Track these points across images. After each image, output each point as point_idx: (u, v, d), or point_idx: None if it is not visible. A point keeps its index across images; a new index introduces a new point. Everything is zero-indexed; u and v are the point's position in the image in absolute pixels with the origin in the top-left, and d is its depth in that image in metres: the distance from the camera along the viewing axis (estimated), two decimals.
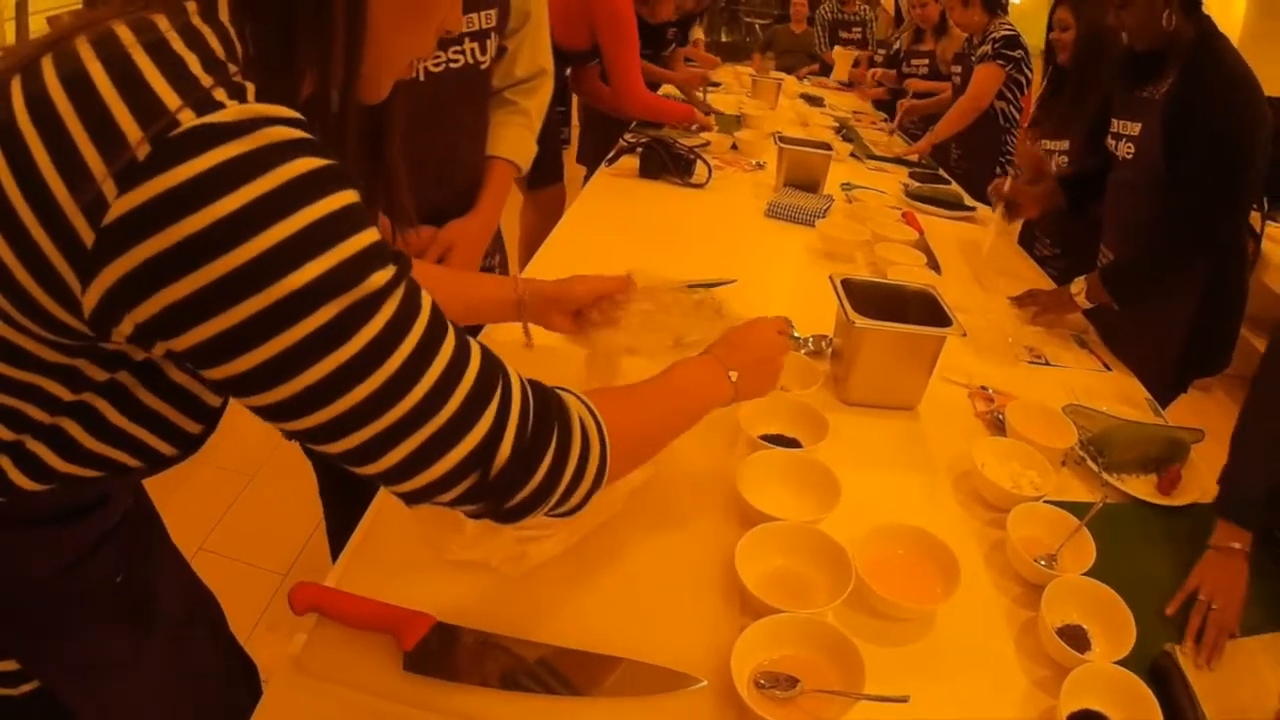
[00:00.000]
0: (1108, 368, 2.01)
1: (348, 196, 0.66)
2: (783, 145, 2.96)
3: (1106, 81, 2.67)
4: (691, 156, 2.91)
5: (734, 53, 6.90)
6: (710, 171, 2.92)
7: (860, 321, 1.48)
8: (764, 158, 3.31)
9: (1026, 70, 3.90)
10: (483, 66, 1.76)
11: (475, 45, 1.72)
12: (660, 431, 1.02)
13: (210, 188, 0.59)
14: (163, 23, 0.65)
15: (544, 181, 3.61)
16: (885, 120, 4.83)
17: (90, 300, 0.62)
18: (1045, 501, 1.36)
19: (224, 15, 0.68)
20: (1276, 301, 4.03)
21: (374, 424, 0.69)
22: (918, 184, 3.33)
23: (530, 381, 0.84)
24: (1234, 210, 2.00)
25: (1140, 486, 1.51)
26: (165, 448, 0.82)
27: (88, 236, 0.60)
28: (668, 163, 2.89)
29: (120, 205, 0.59)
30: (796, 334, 1.77)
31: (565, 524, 1.12)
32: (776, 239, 2.54)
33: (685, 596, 1.14)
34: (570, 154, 4.29)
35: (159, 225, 0.59)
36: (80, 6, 0.73)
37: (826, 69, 6.52)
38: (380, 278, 0.67)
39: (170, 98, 0.60)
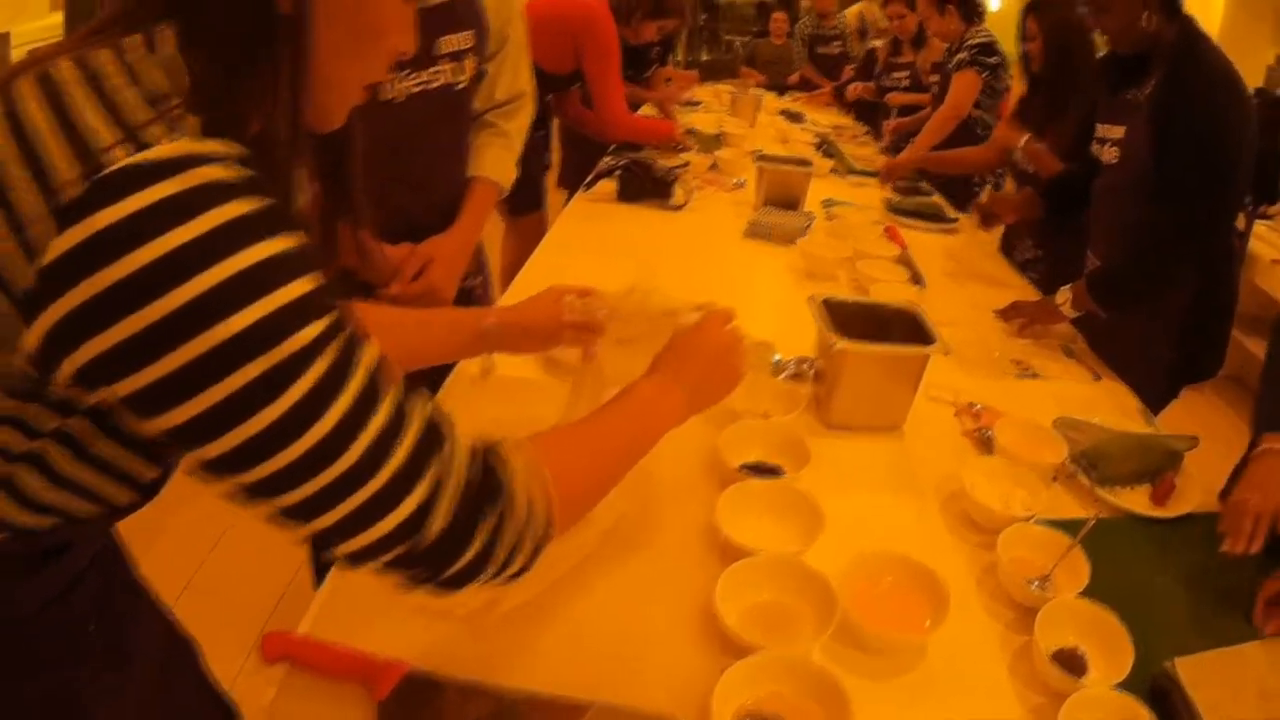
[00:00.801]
0: (1098, 377, 1.98)
1: (281, 243, 0.63)
2: (762, 164, 2.94)
3: (1084, 86, 2.68)
4: (670, 178, 2.89)
5: (715, 70, 6.89)
6: (689, 193, 2.90)
7: (841, 343, 1.45)
8: (744, 176, 3.29)
9: (1004, 77, 3.89)
10: (459, 87, 1.78)
11: (452, 66, 1.74)
12: (614, 468, 0.98)
13: (139, 231, 0.58)
14: (105, 58, 0.64)
15: (525, 208, 3.60)
16: (867, 133, 4.82)
17: (31, 344, 0.61)
18: (1037, 521, 1.32)
19: (170, 47, 0.67)
20: (1265, 300, 4.02)
21: (303, 486, 0.66)
22: (899, 197, 3.30)
23: (477, 441, 0.81)
24: (1221, 211, 1.98)
25: (1134, 499, 1.48)
26: (121, 495, 0.80)
27: (27, 278, 0.59)
28: (646, 185, 2.86)
29: (56, 246, 0.58)
30: (778, 357, 1.74)
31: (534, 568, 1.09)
32: (757, 259, 2.52)
33: (664, 636, 1.10)
34: (551, 178, 4.27)
35: (90, 268, 0.58)
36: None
37: (807, 83, 6.52)
38: (311, 331, 0.64)
39: (104, 135, 0.60)
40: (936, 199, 3.38)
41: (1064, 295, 2.04)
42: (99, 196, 0.58)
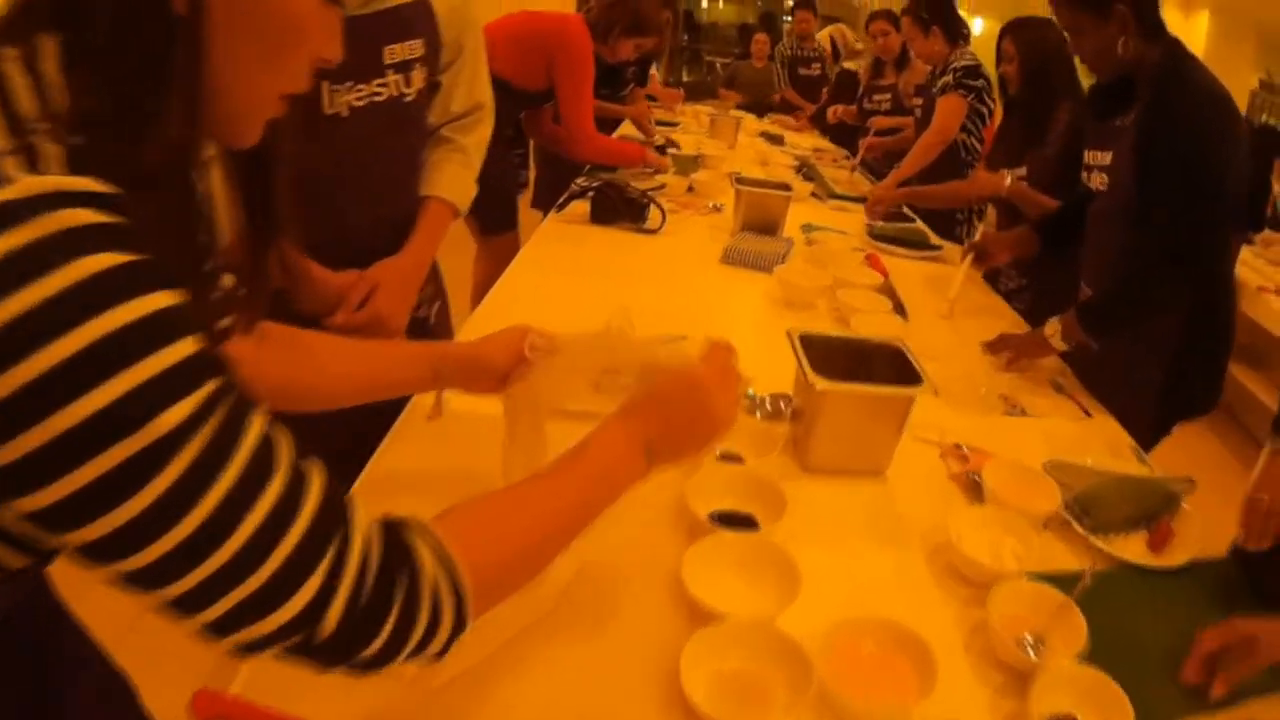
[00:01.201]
0: (1088, 414, 1.89)
1: (154, 301, 0.55)
2: (740, 187, 2.85)
3: (1064, 110, 2.63)
4: (645, 201, 2.80)
5: (696, 92, 6.85)
6: (664, 216, 2.80)
7: (821, 384, 1.35)
8: (722, 199, 3.20)
9: (988, 101, 3.84)
10: (408, 99, 1.67)
11: (400, 77, 1.63)
12: (555, 535, 0.87)
13: None
14: (5, 56, 0.58)
15: (497, 228, 3.50)
16: (847, 157, 4.76)
17: None
18: (1029, 576, 1.23)
19: (48, 64, 0.59)
20: (1250, 327, 3.97)
21: (185, 576, 0.58)
22: (881, 223, 3.23)
23: (381, 523, 0.72)
24: (1207, 232, 1.89)
25: (1130, 547, 1.39)
26: (14, 559, 0.71)
27: None
28: (620, 208, 2.77)
29: None
30: (752, 393, 1.64)
31: (485, 627, 0.98)
32: (733, 287, 2.43)
33: (625, 705, 1.00)
34: (526, 198, 4.19)
35: None
36: None
37: (788, 105, 6.48)
38: (188, 405, 0.56)
39: None
40: (919, 225, 3.30)
41: (1053, 327, 1.97)
42: None
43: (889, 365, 1.51)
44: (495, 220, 3.48)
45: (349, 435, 1.32)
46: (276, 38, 0.68)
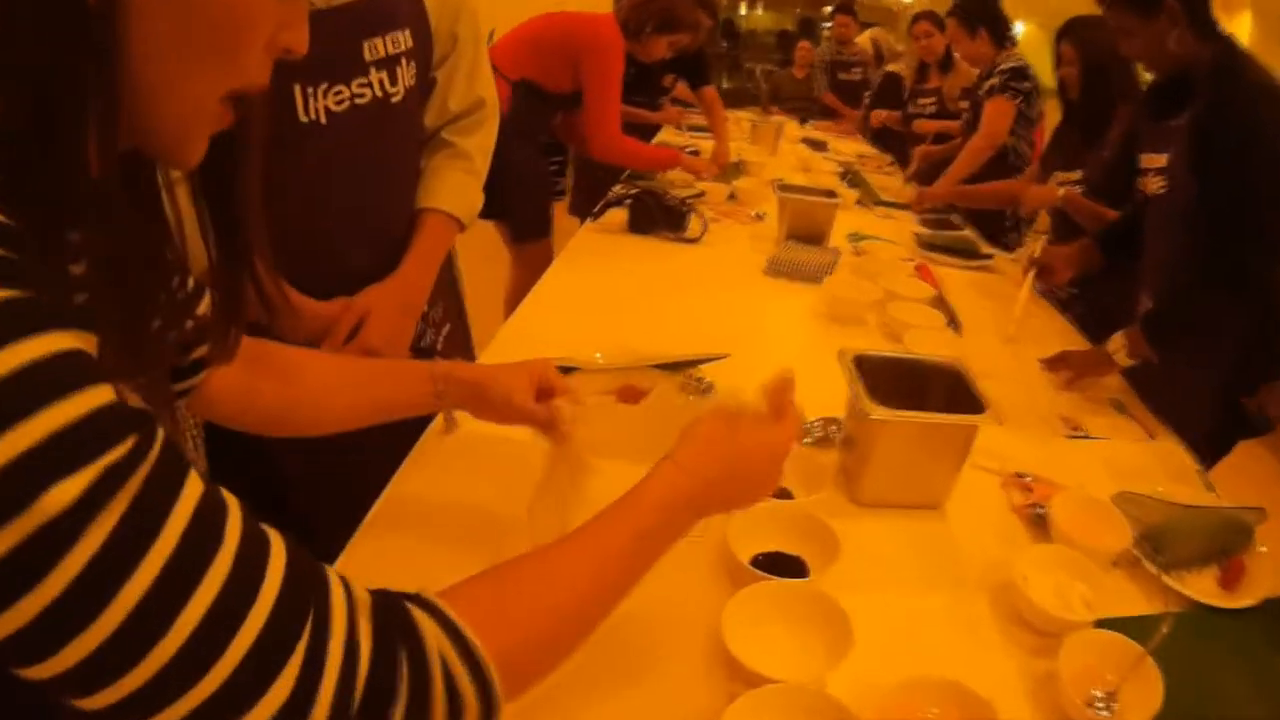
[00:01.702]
0: (1152, 436, 1.78)
1: (17, 352, 0.45)
2: (784, 194, 2.75)
3: (1125, 113, 2.52)
4: (684, 209, 2.70)
5: (737, 99, 6.75)
6: (705, 225, 2.71)
7: (877, 412, 1.24)
8: (764, 208, 3.10)
9: (1037, 104, 3.73)
10: (395, 99, 1.47)
11: (384, 75, 1.43)
12: (594, 598, 0.75)
13: None
14: None
15: (529, 236, 3.42)
16: (892, 162, 4.64)
17: None
18: (1100, 623, 1.13)
19: None
20: None
21: (116, 683, 0.49)
22: (930, 231, 3.12)
23: (372, 595, 0.62)
24: (1273, 232, 1.79)
25: (1202, 586, 1.29)
26: None
27: None
28: (658, 216, 2.68)
29: None
30: (804, 420, 1.54)
31: None
32: (778, 300, 2.33)
33: None
34: (563, 205, 4.11)
35: None
36: None
37: (829, 111, 6.36)
38: (74, 486, 0.46)
39: None
40: (968, 233, 3.18)
41: (1117, 343, 1.86)
42: None
43: (948, 388, 1.41)
44: (527, 227, 3.40)
45: (360, 458, 1.24)
46: (208, 30, 0.57)
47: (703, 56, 3.99)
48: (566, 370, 1.59)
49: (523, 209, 3.33)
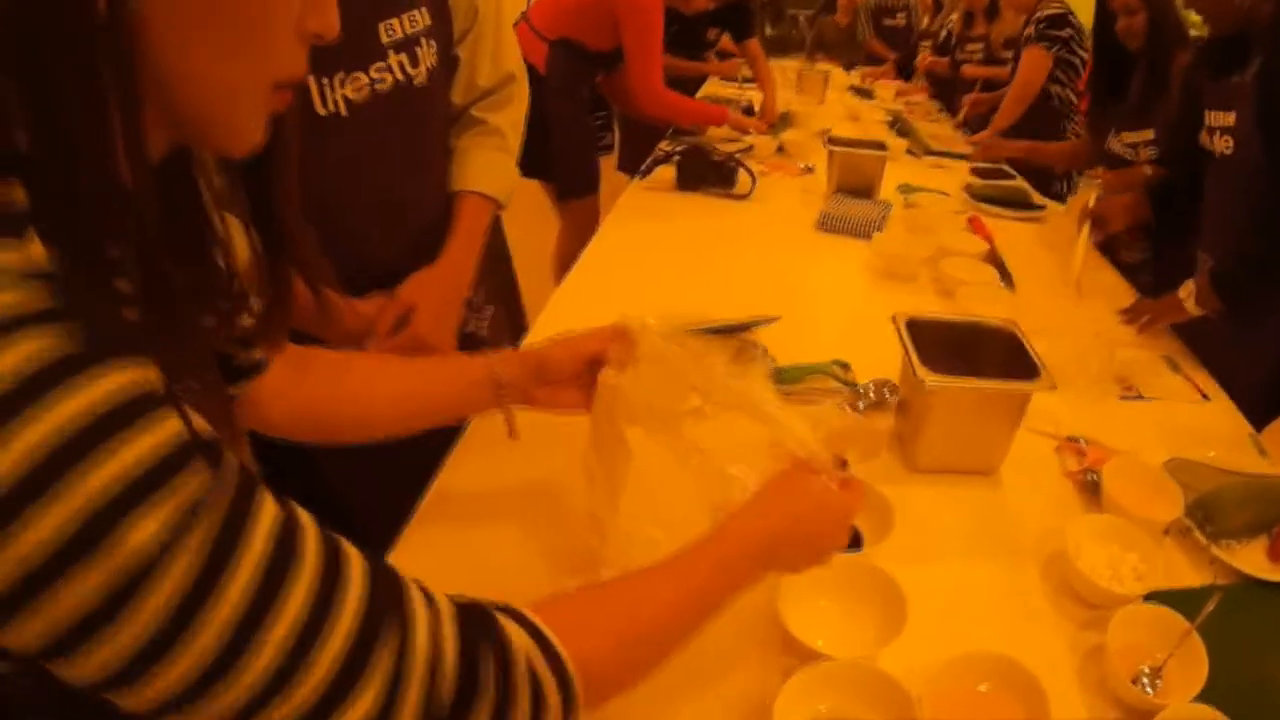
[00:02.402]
0: (1206, 397, 1.76)
1: (97, 389, 0.47)
2: (832, 148, 2.73)
3: (1181, 66, 2.44)
4: (732, 164, 2.68)
5: (780, 46, 6.63)
6: (754, 180, 2.69)
7: (931, 379, 1.25)
8: (813, 160, 3.08)
9: (1080, 50, 3.65)
10: (418, 82, 1.41)
11: (404, 58, 1.38)
12: (669, 624, 0.77)
13: None
14: None
15: (576, 193, 3.40)
16: (941, 110, 4.57)
17: None
18: (1149, 599, 1.13)
19: None
20: None
21: (207, 704, 0.51)
22: (981, 181, 3.07)
23: (454, 602, 0.64)
24: None
25: (1251, 558, 1.28)
26: None
27: None
28: (707, 172, 2.67)
29: None
30: (856, 383, 1.55)
31: None
32: (829, 256, 2.32)
33: None
34: (610, 162, 4.09)
35: None
36: None
37: (874, 58, 6.25)
38: (152, 522, 0.48)
39: None
40: (1020, 183, 3.14)
41: (1187, 289, 1.85)
42: None
43: (1002, 351, 1.40)
44: (573, 184, 3.39)
45: (402, 451, 1.20)
46: (231, 22, 0.55)
47: (746, 8, 3.92)
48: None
49: (567, 165, 3.31)
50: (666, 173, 2.75)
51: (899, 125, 3.84)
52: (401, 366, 1.10)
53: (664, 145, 2.97)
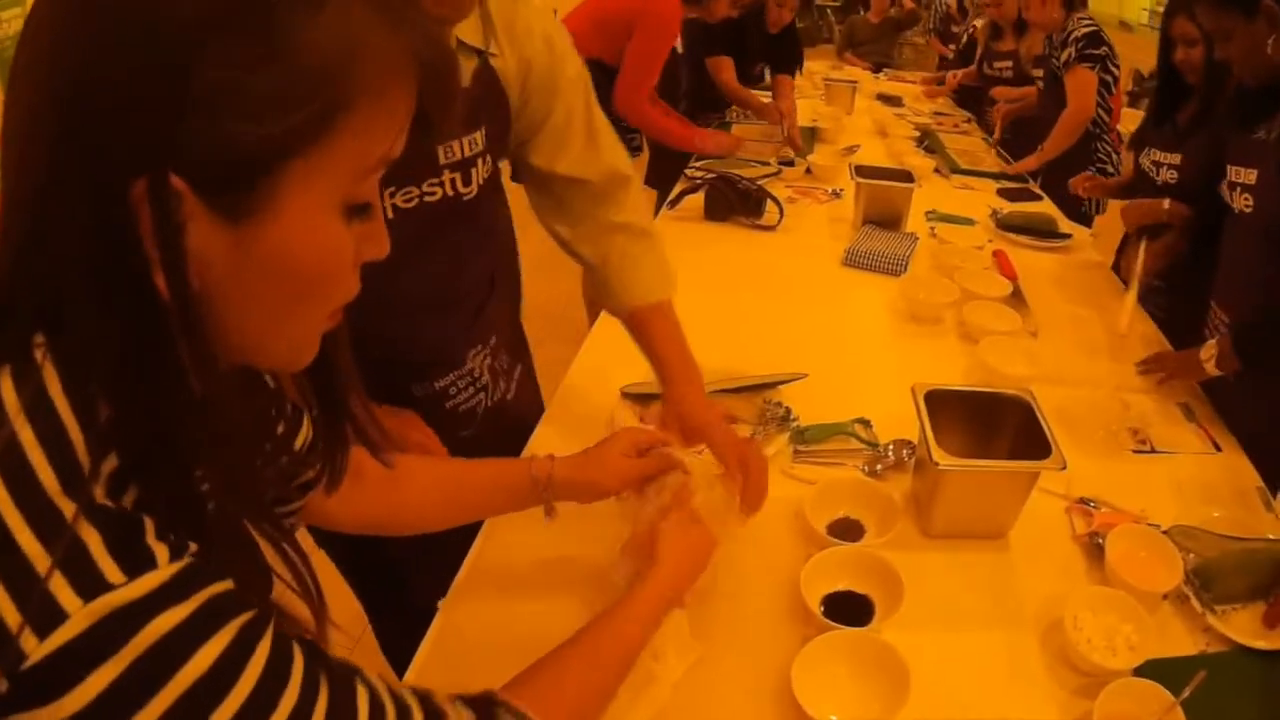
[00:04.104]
0: (1218, 448, 1.82)
1: (257, 666, 0.57)
2: (860, 180, 2.78)
3: (1220, 115, 2.42)
4: (760, 195, 2.75)
5: (808, 38, 6.66)
6: (781, 211, 2.76)
7: (945, 462, 1.33)
8: (841, 184, 3.13)
9: (1113, 68, 3.64)
10: (467, 198, 1.43)
11: (457, 176, 1.39)
12: (613, 681, 0.97)
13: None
14: (7, 403, 0.53)
15: None
16: (969, 120, 4.58)
17: None
18: (1140, 668, 1.21)
19: (52, 386, 0.56)
20: None
21: None
22: (1008, 205, 3.12)
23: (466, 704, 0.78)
24: None
25: (1245, 623, 1.35)
26: None
27: None
28: (735, 202, 2.73)
29: None
30: (877, 443, 1.63)
31: None
32: (855, 295, 2.38)
33: None
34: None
35: None
36: None
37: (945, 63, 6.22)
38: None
39: (8, 610, 0.50)
40: (1047, 205, 3.18)
41: (1209, 351, 1.87)
42: (32, 695, 0.50)
43: (1017, 424, 1.49)
44: None
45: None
46: (298, 282, 0.61)
47: (797, 46, 3.96)
48: (643, 397, 1.70)
49: None
50: (695, 202, 2.81)
51: (927, 142, 3.88)
52: (450, 472, 1.19)
53: (692, 172, 3.03)
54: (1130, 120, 4.08)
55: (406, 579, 1.52)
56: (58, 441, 0.54)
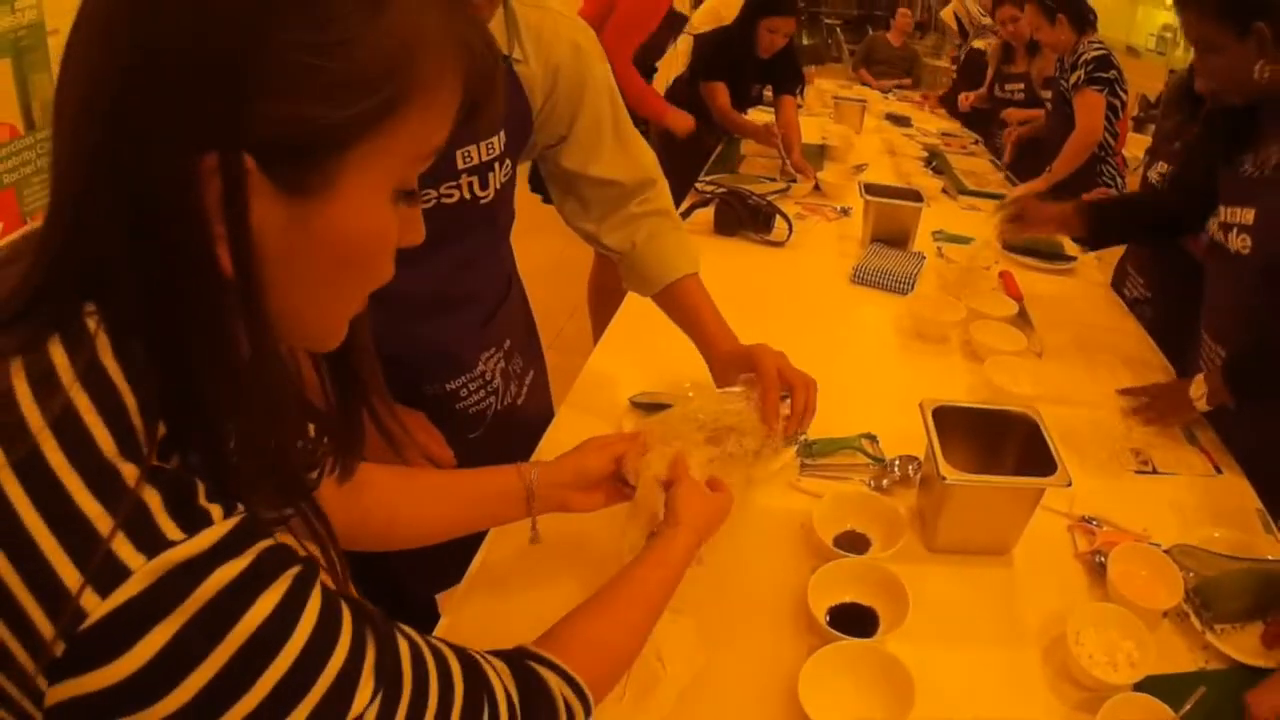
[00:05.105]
0: (1219, 470, 1.84)
1: (310, 619, 0.59)
2: (869, 198, 2.81)
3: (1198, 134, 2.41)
4: (770, 210, 2.78)
5: (815, 56, 6.69)
6: (791, 227, 2.78)
7: (952, 476, 1.35)
8: (849, 202, 3.16)
9: (1121, 92, 3.67)
10: (484, 201, 1.46)
11: (475, 179, 1.42)
12: (645, 627, 1.01)
13: (150, 681, 0.52)
14: (28, 404, 0.54)
15: None
16: (977, 142, 4.61)
17: None
18: (1141, 683, 1.23)
19: (105, 357, 0.57)
20: None
21: None
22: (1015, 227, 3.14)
23: (511, 670, 0.80)
24: None
25: (1245, 642, 1.37)
26: None
27: (38, 712, 0.53)
28: (744, 217, 2.76)
29: (53, 696, 0.52)
30: (883, 458, 1.65)
31: None
32: (863, 312, 2.41)
33: None
34: None
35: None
36: None
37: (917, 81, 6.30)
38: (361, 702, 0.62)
39: (67, 571, 0.51)
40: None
41: (1199, 389, 1.87)
42: (88, 656, 0.51)
43: (1023, 441, 1.51)
44: None
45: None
46: (347, 264, 0.64)
47: (796, 64, 4.00)
48: (652, 407, 1.72)
49: None
50: (705, 216, 2.84)
51: (935, 163, 3.91)
52: (444, 483, 1.19)
53: (704, 184, 3.05)
54: (1135, 144, 4.12)
55: (405, 579, 1.55)
56: (113, 407, 0.55)
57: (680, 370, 1.55)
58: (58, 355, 0.56)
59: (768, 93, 4.22)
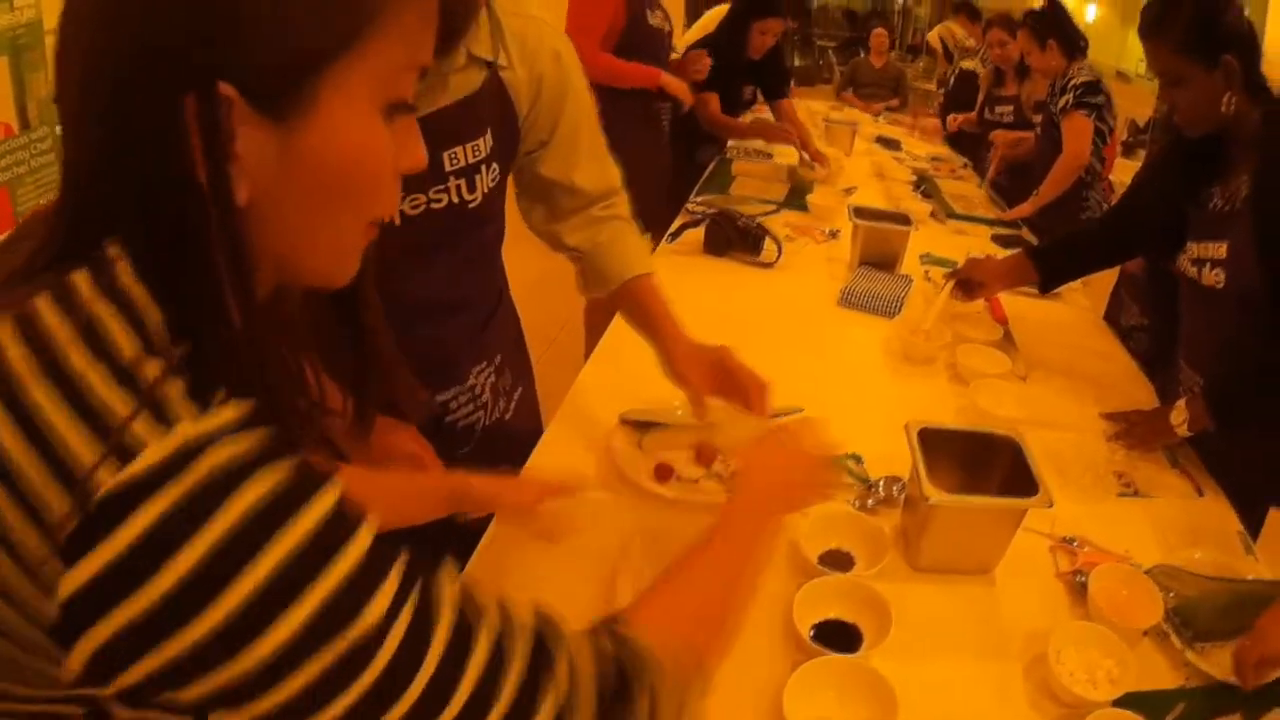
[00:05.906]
0: (1201, 493, 1.86)
1: (323, 502, 0.58)
2: (857, 221, 2.83)
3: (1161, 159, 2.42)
4: (760, 232, 2.81)
5: (807, 78, 6.75)
6: (780, 249, 2.81)
7: (936, 497, 1.38)
8: (838, 225, 3.19)
9: (1109, 118, 3.72)
10: (472, 205, 1.46)
11: (462, 182, 1.43)
12: (734, 604, 0.97)
13: (153, 552, 0.52)
14: (52, 318, 0.56)
15: None
16: (965, 165, 4.66)
17: (73, 670, 0.56)
18: (1121, 699, 1.25)
19: (126, 276, 0.59)
20: None
21: None
22: (1002, 251, 3.17)
23: (585, 637, 0.76)
24: None
25: (1224, 660, 1.38)
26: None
27: (52, 611, 0.54)
28: (734, 238, 2.79)
29: (68, 583, 0.53)
30: (868, 478, 1.67)
31: None
32: (850, 335, 2.43)
33: None
34: None
35: (113, 601, 0.53)
36: None
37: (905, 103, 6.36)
38: (379, 606, 0.59)
39: (83, 455, 0.52)
40: None
41: (1180, 415, 1.88)
42: (98, 528, 0.52)
43: (1006, 463, 1.53)
44: None
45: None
46: (340, 184, 0.63)
47: (782, 67, 4.04)
48: (642, 425, 1.74)
49: None
50: (695, 236, 2.87)
51: (924, 186, 3.94)
52: (378, 485, 1.21)
53: (695, 205, 3.08)
54: (1123, 170, 4.16)
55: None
56: (135, 316, 0.57)
57: (671, 387, 1.57)
58: (81, 281, 0.58)
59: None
